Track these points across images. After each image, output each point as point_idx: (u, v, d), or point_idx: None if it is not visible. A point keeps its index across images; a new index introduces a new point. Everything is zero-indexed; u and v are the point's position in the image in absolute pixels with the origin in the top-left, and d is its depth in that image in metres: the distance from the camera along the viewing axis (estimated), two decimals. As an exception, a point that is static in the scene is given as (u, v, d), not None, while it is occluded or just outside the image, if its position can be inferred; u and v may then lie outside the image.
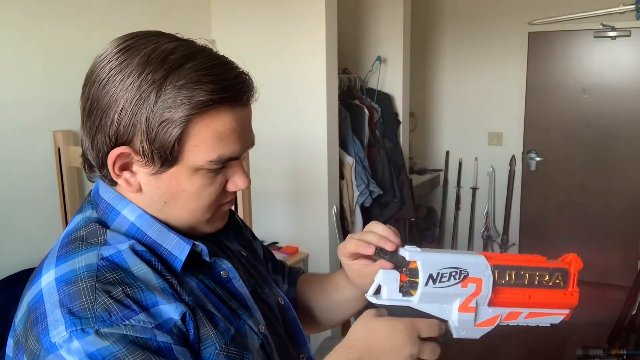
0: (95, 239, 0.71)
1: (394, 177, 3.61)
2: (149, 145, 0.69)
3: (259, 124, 3.66)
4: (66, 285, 0.65)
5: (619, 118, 4.32)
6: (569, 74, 4.44)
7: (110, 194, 0.75)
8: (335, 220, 3.11)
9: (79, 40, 2.47)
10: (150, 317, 0.65)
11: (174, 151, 0.69)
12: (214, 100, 0.69)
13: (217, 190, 0.75)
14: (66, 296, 0.64)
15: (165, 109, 0.67)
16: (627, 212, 4.40)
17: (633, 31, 4.16)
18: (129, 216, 0.74)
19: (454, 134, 4.92)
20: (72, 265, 0.67)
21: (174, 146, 0.69)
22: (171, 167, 0.71)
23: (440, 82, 4.91)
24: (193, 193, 0.73)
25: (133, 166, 0.72)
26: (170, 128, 0.68)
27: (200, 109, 0.68)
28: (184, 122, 0.68)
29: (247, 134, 0.79)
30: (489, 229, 4.85)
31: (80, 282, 0.64)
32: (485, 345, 3.61)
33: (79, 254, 0.68)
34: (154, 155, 0.70)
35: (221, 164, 0.73)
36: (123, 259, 0.69)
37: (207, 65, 0.70)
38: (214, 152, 0.71)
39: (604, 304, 4.21)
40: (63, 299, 0.63)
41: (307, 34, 2.95)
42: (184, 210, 0.75)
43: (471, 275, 0.69)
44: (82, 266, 0.66)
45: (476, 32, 4.66)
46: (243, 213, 2.12)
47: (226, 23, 3.19)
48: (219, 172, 0.74)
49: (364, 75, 3.76)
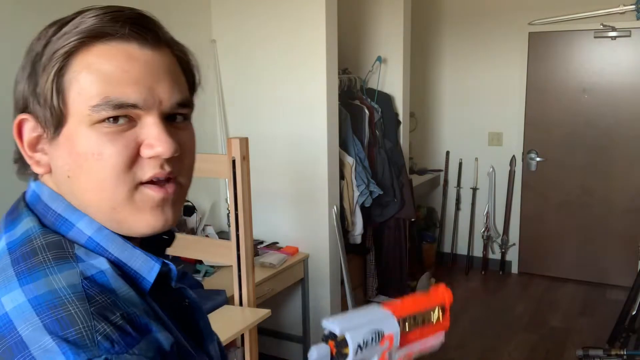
0: (61, 251, 0.59)
1: (394, 177, 3.61)
2: (37, 102, 0.60)
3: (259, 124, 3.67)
4: (49, 309, 0.54)
5: (619, 118, 4.32)
6: (569, 74, 4.44)
7: (61, 203, 0.63)
8: (335, 220, 3.11)
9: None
10: (149, 344, 0.57)
11: (57, 101, 0.59)
12: (98, 31, 0.59)
13: (124, 151, 0.60)
14: (54, 322, 0.53)
15: (50, 52, 0.59)
16: (627, 212, 4.40)
17: (633, 31, 4.16)
18: (85, 230, 0.62)
19: (454, 134, 4.92)
20: (48, 285, 0.55)
21: (54, 94, 0.59)
22: (62, 125, 0.60)
23: (440, 82, 4.91)
24: (92, 154, 0.59)
25: (40, 142, 0.63)
26: (49, 72, 0.59)
27: (81, 41, 0.59)
28: (61, 61, 0.59)
29: (157, 82, 0.62)
30: (489, 229, 4.85)
31: (69, 306, 0.54)
32: (486, 345, 3.61)
33: (51, 272, 0.57)
34: (44, 113, 0.60)
35: (113, 109, 0.59)
36: (107, 281, 0.59)
37: (106, 7, 0.62)
38: (100, 94, 0.59)
39: (604, 304, 4.21)
40: (50, 325, 0.52)
41: (307, 34, 2.95)
42: (89, 183, 0.61)
43: (386, 332, 0.78)
44: (63, 287, 0.55)
45: (476, 32, 4.66)
46: (243, 213, 2.11)
47: (226, 23, 3.19)
48: (121, 126, 0.60)
49: (364, 75, 3.76)
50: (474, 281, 4.74)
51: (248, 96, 3.20)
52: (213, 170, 2.24)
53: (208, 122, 3.24)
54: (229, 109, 3.28)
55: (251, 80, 3.17)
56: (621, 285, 4.35)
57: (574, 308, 4.17)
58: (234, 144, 2.06)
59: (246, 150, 2.09)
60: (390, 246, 3.76)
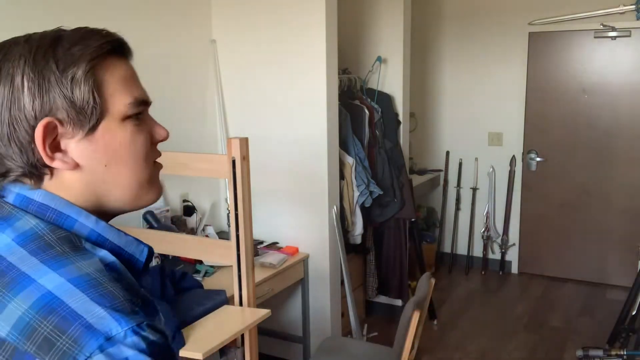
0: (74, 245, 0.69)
1: (394, 177, 3.61)
2: (70, 106, 0.69)
3: (259, 124, 3.67)
4: (91, 287, 0.63)
5: (619, 118, 4.33)
6: (569, 74, 4.44)
7: (60, 202, 0.72)
8: (335, 220, 3.11)
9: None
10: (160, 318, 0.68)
11: (97, 103, 0.71)
12: (106, 47, 0.72)
13: (147, 139, 0.77)
14: (99, 296, 0.62)
15: (68, 67, 0.69)
16: (627, 212, 4.40)
17: (633, 31, 4.16)
18: (87, 223, 0.72)
19: (454, 134, 4.92)
20: (80, 270, 0.65)
21: (95, 97, 0.70)
22: (100, 121, 0.72)
23: (440, 82, 4.91)
24: (129, 143, 0.74)
25: (61, 144, 0.71)
26: (82, 82, 0.70)
27: (97, 56, 0.71)
28: (90, 72, 0.70)
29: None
30: (489, 229, 4.85)
31: (107, 285, 0.64)
32: (486, 345, 3.61)
33: (76, 259, 0.66)
34: (79, 116, 0.70)
35: (140, 106, 0.75)
36: (120, 268, 0.69)
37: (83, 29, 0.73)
38: (129, 94, 0.74)
39: (604, 304, 4.21)
40: (97, 299, 0.62)
41: (307, 34, 2.95)
42: (127, 169, 0.75)
43: None
44: (93, 270, 0.65)
45: (476, 32, 4.66)
46: (243, 213, 2.11)
47: (226, 23, 3.19)
48: (140, 119, 0.76)
49: (364, 75, 3.76)
50: (474, 281, 4.74)
51: (248, 96, 3.20)
52: (213, 170, 2.24)
53: (208, 122, 3.24)
54: (229, 109, 3.28)
55: (251, 80, 3.17)
56: (621, 285, 4.35)
57: (574, 308, 4.17)
58: (234, 144, 2.06)
59: (246, 150, 2.09)
60: (390, 246, 3.76)
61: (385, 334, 3.57)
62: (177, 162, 2.18)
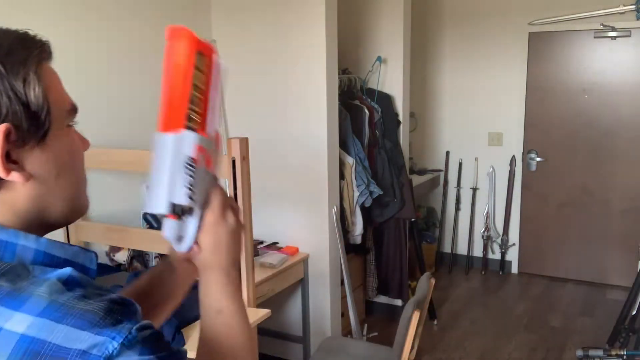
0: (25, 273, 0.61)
1: (394, 177, 3.61)
2: (24, 111, 0.63)
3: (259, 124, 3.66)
4: (65, 315, 0.57)
5: (619, 118, 4.33)
6: (569, 74, 4.44)
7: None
8: (335, 220, 3.11)
9: (80, 40, 2.47)
10: None
11: (49, 108, 0.66)
12: (47, 51, 0.68)
13: (82, 146, 0.74)
14: (79, 320, 0.57)
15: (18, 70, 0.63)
16: (627, 212, 4.40)
17: (633, 31, 4.16)
18: (28, 243, 0.65)
19: (454, 134, 4.92)
20: (43, 300, 0.58)
21: (47, 102, 0.65)
22: (50, 129, 0.66)
23: (440, 82, 4.91)
24: (75, 152, 0.71)
25: (12, 153, 0.64)
26: (35, 85, 0.64)
27: (40, 58, 0.66)
28: (36, 74, 0.65)
29: None
30: (489, 229, 4.85)
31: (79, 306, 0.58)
32: (486, 345, 3.61)
33: (33, 290, 0.59)
34: (32, 122, 0.64)
35: (74, 113, 0.71)
36: (78, 276, 0.63)
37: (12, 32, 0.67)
38: (67, 101, 0.70)
39: (604, 304, 4.21)
40: (78, 324, 0.57)
41: (307, 34, 2.95)
42: (74, 178, 0.71)
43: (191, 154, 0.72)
44: (57, 296, 0.59)
45: (476, 32, 4.66)
46: (243, 213, 2.11)
47: (226, 23, 3.19)
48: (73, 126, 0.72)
49: (364, 75, 3.76)
50: (474, 281, 4.74)
51: (248, 96, 3.20)
52: (213, 170, 2.23)
53: (208, 122, 3.24)
54: (229, 109, 3.28)
55: (251, 80, 3.17)
56: (621, 285, 4.36)
57: (574, 308, 4.17)
58: (234, 144, 2.06)
59: (246, 150, 2.09)
60: (390, 246, 3.76)
61: (385, 334, 3.57)
62: (177, 162, 2.17)
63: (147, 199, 0.72)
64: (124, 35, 2.68)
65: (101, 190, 2.62)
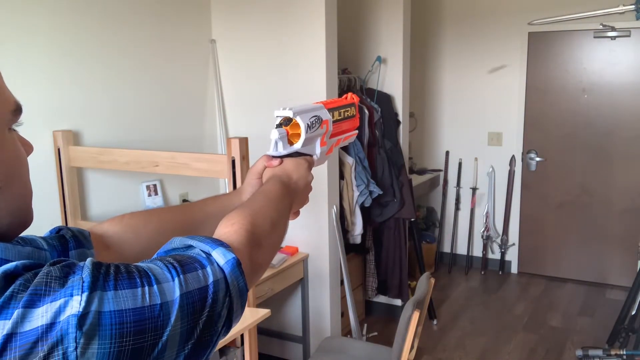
0: None
1: (393, 177, 3.62)
2: None
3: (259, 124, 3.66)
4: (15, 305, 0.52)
5: (619, 118, 4.33)
6: (569, 74, 4.44)
7: None
8: (335, 220, 3.11)
9: (80, 41, 2.47)
10: None
11: None
12: None
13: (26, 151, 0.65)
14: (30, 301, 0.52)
15: None
16: (627, 212, 4.41)
17: (633, 31, 4.16)
18: None
19: (454, 134, 4.92)
20: None
21: None
22: None
23: (440, 82, 4.91)
24: (22, 157, 0.62)
25: None
26: None
27: None
28: None
29: None
30: (489, 229, 4.85)
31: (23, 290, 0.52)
32: (486, 345, 3.61)
33: None
34: None
35: (19, 114, 0.61)
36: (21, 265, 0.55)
37: None
38: (11, 101, 0.60)
39: (603, 304, 4.21)
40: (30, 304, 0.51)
41: (307, 33, 2.95)
42: (21, 187, 0.63)
43: (323, 118, 0.96)
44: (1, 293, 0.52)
45: (476, 32, 4.66)
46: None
47: (226, 23, 3.19)
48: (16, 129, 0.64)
49: (364, 75, 3.76)
50: (474, 281, 4.74)
51: (248, 96, 3.20)
52: (213, 170, 2.24)
53: (208, 122, 3.24)
54: (229, 109, 3.28)
55: (251, 80, 3.17)
56: (621, 285, 4.36)
57: (574, 308, 4.17)
58: (234, 144, 2.06)
59: (246, 150, 2.09)
60: (390, 246, 3.76)
61: (385, 334, 3.57)
62: (177, 162, 2.18)
63: (283, 112, 0.94)
64: (124, 35, 2.69)
65: (101, 190, 2.62)
